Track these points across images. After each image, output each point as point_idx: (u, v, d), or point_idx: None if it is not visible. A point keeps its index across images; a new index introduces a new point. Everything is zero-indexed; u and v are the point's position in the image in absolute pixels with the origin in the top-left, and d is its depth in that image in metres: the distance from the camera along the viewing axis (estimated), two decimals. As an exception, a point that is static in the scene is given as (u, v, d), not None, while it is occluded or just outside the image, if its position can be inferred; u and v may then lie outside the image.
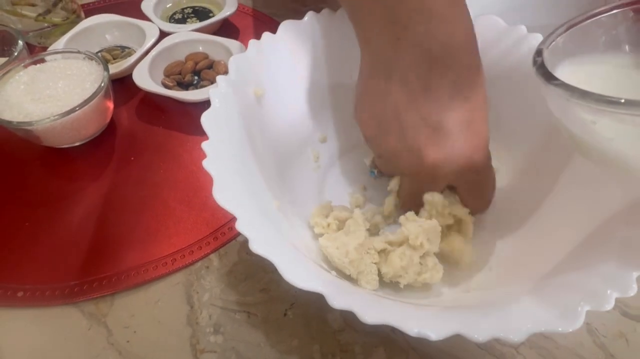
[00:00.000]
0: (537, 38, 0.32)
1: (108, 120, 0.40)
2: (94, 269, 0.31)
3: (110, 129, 0.41)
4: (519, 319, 0.19)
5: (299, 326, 0.29)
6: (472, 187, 0.28)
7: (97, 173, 0.38)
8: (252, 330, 0.29)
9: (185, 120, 0.41)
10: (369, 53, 0.26)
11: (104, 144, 0.40)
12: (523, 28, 0.33)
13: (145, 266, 0.32)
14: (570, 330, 0.19)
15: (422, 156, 0.25)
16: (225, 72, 0.29)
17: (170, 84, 0.43)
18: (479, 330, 0.19)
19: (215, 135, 0.26)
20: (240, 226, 0.21)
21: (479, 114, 0.26)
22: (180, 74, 0.44)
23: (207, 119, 0.26)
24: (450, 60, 0.24)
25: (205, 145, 0.25)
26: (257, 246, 0.20)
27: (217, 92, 0.28)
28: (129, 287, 0.31)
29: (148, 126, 0.41)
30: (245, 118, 0.29)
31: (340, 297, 0.19)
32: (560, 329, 0.19)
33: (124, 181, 0.37)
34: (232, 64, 0.29)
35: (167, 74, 0.44)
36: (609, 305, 0.19)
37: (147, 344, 0.29)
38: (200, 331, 0.29)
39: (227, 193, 0.23)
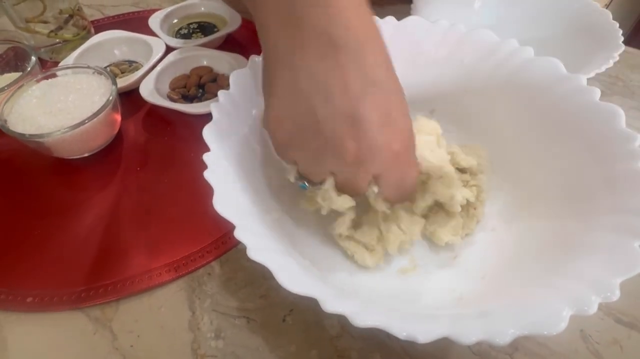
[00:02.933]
0: (528, 51, 0.33)
1: (116, 132, 0.42)
2: (100, 276, 0.32)
3: (117, 141, 0.42)
4: (505, 323, 0.20)
5: (297, 332, 0.30)
6: (396, 181, 0.27)
7: (104, 183, 0.39)
8: (251, 335, 0.30)
9: (189, 132, 0.42)
10: (272, 51, 0.24)
11: (111, 155, 0.41)
12: (514, 41, 0.34)
13: (149, 273, 0.33)
14: (554, 333, 0.19)
15: (344, 151, 0.24)
16: (229, 86, 0.31)
17: (176, 97, 0.44)
18: (466, 334, 0.19)
19: (216, 147, 0.27)
20: (238, 234, 0.22)
21: (395, 102, 0.25)
22: (185, 87, 0.46)
23: (208, 132, 0.27)
24: (355, 46, 0.23)
25: (206, 156, 0.26)
26: (255, 253, 0.21)
27: (218, 106, 0.29)
28: (133, 293, 0.32)
29: (153, 138, 0.43)
30: (245, 131, 0.30)
31: (333, 302, 0.20)
32: (545, 332, 0.19)
33: (130, 191, 0.38)
34: (232, 79, 0.31)
35: (173, 87, 0.45)
36: (592, 309, 0.20)
37: (150, 348, 0.30)
38: (202, 336, 0.30)
39: (226, 203, 0.24)
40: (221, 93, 0.30)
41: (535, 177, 0.33)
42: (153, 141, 0.42)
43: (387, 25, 0.36)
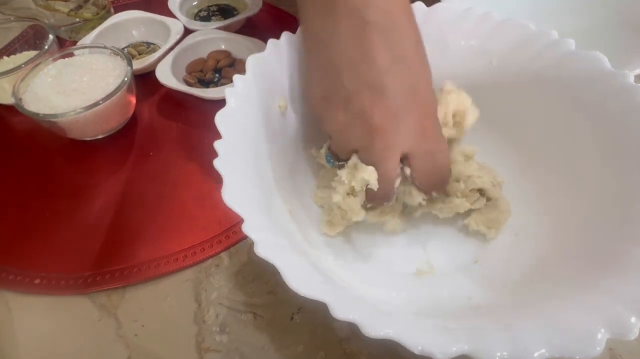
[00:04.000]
0: (569, 44, 0.30)
1: (130, 114, 0.41)
2: (107, 261, 0.32)
3: (132, 123, 0.42)
4: (534, 342, 0.18)
5: (305, 332, 0.29)
6: (427, 158, 0.26)
7: (117, 167, 0.38)
8: (257, 332, 0.29)
9: (204, 117, 0.41)
10: (309, 31, 0.27)
11: (125, 138, 0.41)
12: (553, 33, 0.31)
13: (157, 261, 0.32)
14: (589, 358, 0.17)
15: (370, 121, 0.24)
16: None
17: (192, 81, 0.43)
18: (489, 352, 0.18)
19: (228, 135, 0.26)
20: (246, 229, 0.21)
21: (423, 79, 0.26)
22: (202, 71, 0.44)
23: (221, 118, 0.26)
24: (386, 23, 0.24)
25: (217, 144, 0.25)
26: (262, 250, 0.20)
27: (233, 92, 0.28)
28: (140, 281, 0.31)
29: (168, 122, 0.42)
30: (260, 119, 0.29)
31: (344, 307, 0.19)
32: (577, 356, 0.18)
33: (142, 175, 0.38)
34: (249, 63, 0.29)
35: (189, 71, 0.44)
36: (633, 334, 0.18)
37: (154, 339, 0.29)
38: (207, 329, 0.29)
39: (235, 194, 0.22)
40: (237, 78, 0.28)
41: (566, 184, 0.30)
42: (167, 126, 0.41)
43: (416, 11, 0.33)
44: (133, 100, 0.41)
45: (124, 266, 0.32)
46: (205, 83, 0.44)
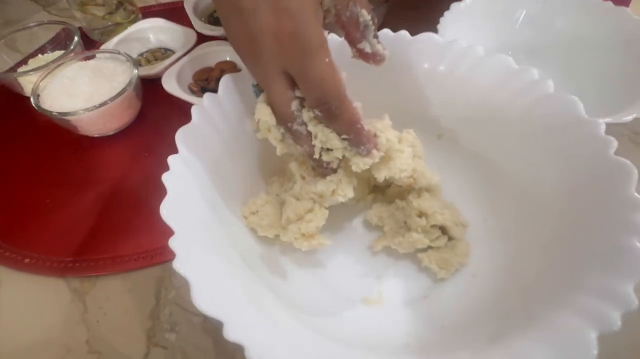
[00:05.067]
0: (547, 85, 0.29)
1: (135, 115, 0.44)
2: (87, 250, 0.35)
3: (136, 123, 0.45)
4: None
5: (244, 342, 0.30)
6: (301, 67, 0.24)
7: (116, 163, 0.42)
8: (203, 335, 0.31)
9: (200, 124, 0.44)
10: None
11: (128, 137, 0.44)
12: (534, 72, 0.30)
13: (129, 256, 0.35)
14: None
15: (236, 37, 0.26)
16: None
17: (195, 88, 0.46)
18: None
19: (185, 151, 0.28)
20: (172, 243, 0.23)
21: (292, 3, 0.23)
22: (206, 80, 0.47)
23: (182, 134, 0.28)
24: None
25: (171, 159, 0.27)
26: (180, 264, 0.22)
27: (200, 109, 0.29)
28: (111, 272, 0.34)
29: (167, 126, 0.45)
30: (225, 138, 0.31)
31: (237, 330, 0.20)
32: None
33: (135, 174, 0.41)
34: (223, 82, 0.31)
35: (195, 79, 0.47)
36: (616, 326, 0.19)
37: (111, 327, 0.32)
38: (159, 326, 0.31)
39: (175, 209, 0.24)
40: (207, 95, 0.30)
41: (529, 229, 0.29)
42: (166, 129, 0.44)
43: (399, 40, 0.34)
44: (139, 102, 0.44)
45: (100, 256, 0.35)
46: (207, 92, 0.46)
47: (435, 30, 0.38)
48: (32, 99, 0.40)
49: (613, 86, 0.39)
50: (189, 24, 0.51)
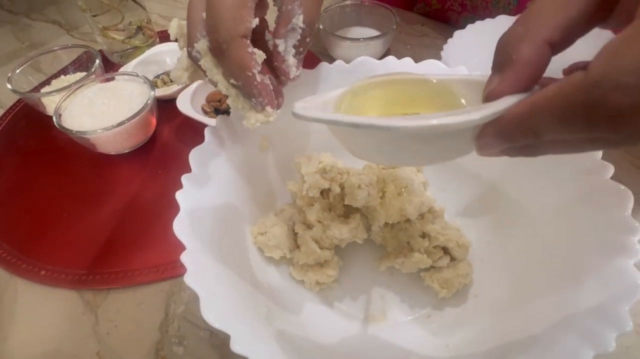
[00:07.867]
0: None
1: (150, 134, 0.46)
2: (100, 264, 0.37)
3: (151, 142, 0.47)
4: None
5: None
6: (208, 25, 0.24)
7: (131, 180, 0.44)
8: (210, 349, 0.32)
9: (212, 143, 0.45)
10: None
11: (143, 155, 0.46)
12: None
13: (141, 270, 0.36)
14: None
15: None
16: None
17: (208, 109, 0.48)
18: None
19: (198, 170, 0.29)
20: (184, 258, 0.24)
21: None
22: (219, 101, 0.49)
23: (195, 154, 0.30)
24: None
25: (185, 178, 0.28)
26: (191, 278, 0.23)
27: (213, 130, 0.31)
28: (123, 285, 0.35)
29: (181, 145, 0.47)
30: (236, 159, 0.32)
31: (245, 343, 0.21)
32: None
33: (149, 190, 0.42)
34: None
35: (209, 100, 0.49)
36: (611, 347, 0.20)
37: (121, 339, 0.33)
38: (167, 339, 0.32)
39: (186, 225, 0.26)
40: (219, 118, 0.32)
41: (533, 247, 0.30)
42: (179, 148, 0.46)
43: (403, 67, 0.35)
44: (154, 122, 0.46)
45: (112, 270, 0.36)
46: (220, 113, 0.48)
47: (439, 57, 0.40)
48: (54, 118, 0.42)
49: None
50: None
